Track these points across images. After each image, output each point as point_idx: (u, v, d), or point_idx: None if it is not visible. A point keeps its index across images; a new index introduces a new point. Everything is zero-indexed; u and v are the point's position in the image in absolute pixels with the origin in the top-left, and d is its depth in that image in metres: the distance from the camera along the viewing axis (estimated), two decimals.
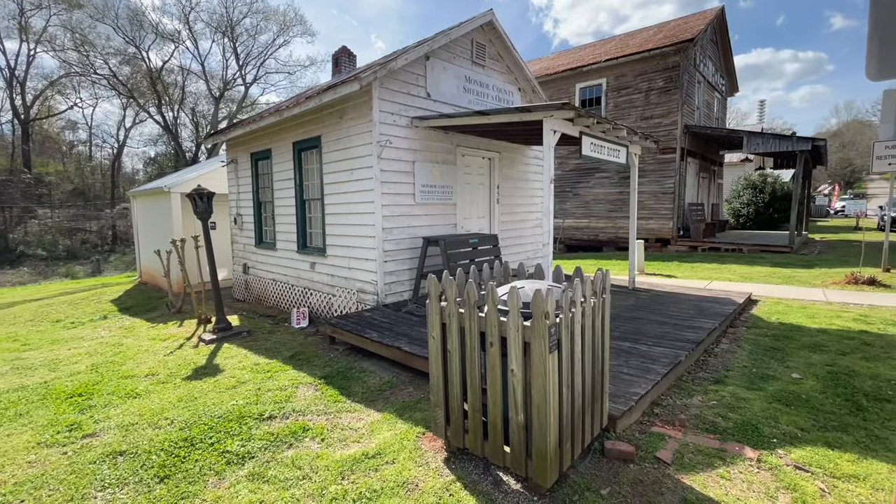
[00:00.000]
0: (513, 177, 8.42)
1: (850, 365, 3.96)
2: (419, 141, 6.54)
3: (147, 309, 8.85)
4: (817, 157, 14.85)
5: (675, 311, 5.77)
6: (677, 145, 14.37)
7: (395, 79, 6.18)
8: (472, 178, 7.70)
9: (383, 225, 6.12)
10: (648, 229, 15.05)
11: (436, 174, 6.82)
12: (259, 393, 3.87)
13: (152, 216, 12.05)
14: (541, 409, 2.23)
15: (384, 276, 6.19)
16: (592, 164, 16.17)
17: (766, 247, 13.18)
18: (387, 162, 6.11)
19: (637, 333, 4.74)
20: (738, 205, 22.07)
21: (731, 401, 3.33)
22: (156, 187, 11.37)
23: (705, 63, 16.68)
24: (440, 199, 6.92)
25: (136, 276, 13.73)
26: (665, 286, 7.66)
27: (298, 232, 7.70)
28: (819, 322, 5.41)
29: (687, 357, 4.07)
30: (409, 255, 6.50)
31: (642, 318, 5.37)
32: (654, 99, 14.87)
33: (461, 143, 7.23)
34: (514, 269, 3.46)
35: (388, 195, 6.16)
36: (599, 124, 5.48)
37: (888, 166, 8.43)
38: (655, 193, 14.90)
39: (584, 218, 16.59)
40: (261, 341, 5.86)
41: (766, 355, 4.35)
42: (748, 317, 5.88)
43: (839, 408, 3.14)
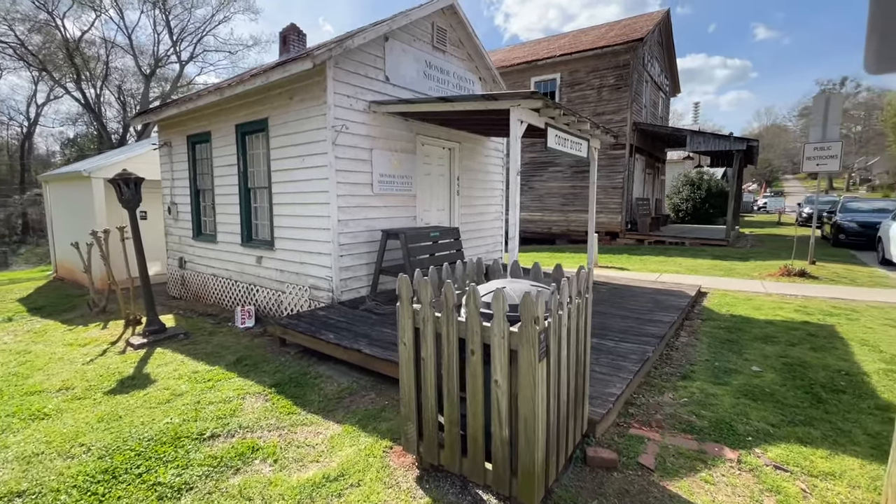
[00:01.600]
0: (473, 168, 8.22)
1: (802, 356, 4.13)
2: (377, 127, 6.15)
3: (64, 309, 7.83)
4: (749, 157, 15.90)
5: (634, 304, 5.83)
6: (627, 141, 14.83)
7: (351, 59, 5.74)
8: (433, 169, 7.41)
9: (339, 216, 5.70)
10: (599, 223, 15.47)
11: (395, 163, 6.46)
12: (199, 407, 3.40)
13: (70, 204, 10.71)
14: (528, 422, 2.02)
15: (340, 272, 5.78)
16: (546, 158, 16.36)
17: (706, 240, 13.96)
18: (342, 149, 5.67)
19: (603, 329, 4.70)
20: (678, 200, 23.34)
21: (701, 397, 3.32)
22: (74, 171, 10.09)
23: (652, 63, 17.33)
24: (399, 189, 6.57)
25: (51, 270, 12.22)
26: (621, 279, 7.80)
27: (243, 223, 7.06)
28: (765, 313, 5.68)
29: (654, 352, 4.06)
30: (366, 249, 6.12)
31: (605, 313, 5.37)
32: (606, 95, 15.24)
33: (421, 131, 6.90)
34: (488, 264, 3.24)
35: (343, 185, 5.73)
36: (565, 116, 5.37)
37: (816, 166, 9.07)
38: (605, 188, 15.33)
39: (538, 211, 16.80)
40: (201, 344, 5.28)
41: (724, 348, 4.45)
42: (701, 309, 6.08)
43: (801, 401, 3.22)
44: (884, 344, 4.41)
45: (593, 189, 7.28)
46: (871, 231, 12.35)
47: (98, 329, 6.27)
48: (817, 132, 9.05)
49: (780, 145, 69.52)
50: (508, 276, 3.02)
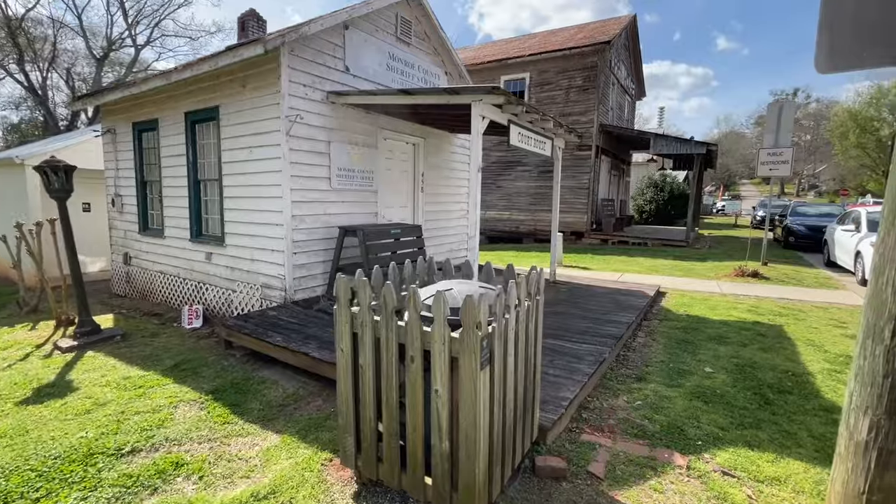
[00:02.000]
0: (438, 165, 8.06)
1: (752, 356, 4.19)
2: (336, 119, 5.89)
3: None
4: (709, 161, 16.45)
5: (594, 304, 5.83)
6: (593, 143, 15.04)
7: (308, 47, 5.45)
8: (395, 165, 7.20)
9: (293, 212, 5.42)
10: (565, 222, 15.64)
11: (354, 157, 6.22)
12: (122, 418, 3.09)
13: (1, 194, 9.86)
14: (469, 435, 1.88)
15: (293, 270, 5.50)
16: (514, 158, 16.40)
17: (667, 241, 14.33)
18: (297, 140, 5.39)
19: (561, 329, 4.65)
20: (642, 201, 23.97)
21: (655, 400, 3.29)
22: (5, 158, 9.28)
23: (619, 66, 17.65)
24: (359, 185, 6.33)
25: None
26: (583, 279, 7.84)
27: (192, 217, 6.65)
28: (720, 314, 5.79)
29: (610, 353, 4.02)
30: (323, 247, 5.86)
31: (565, 313, 5.33)
32: (574, 97, 15.39)
33: (384, 125, 6.68)
34: (440, 263, 3.08)
35: (299, 178, 5.46)
36: (528, 113, 5.29)
37: (769, 171, 9.42)
38: (572, 188, 15.50)
39: (505, 210, 16.83)
40: (139, 347, 4.91)
41: (680, 348, 4.47)
42: (659, 309, 6.15)
43: (750, 402, 3.23)
44: (828, 344, 4.55)
45: (557, 189, 7.26)
46: (818, 234, 12.99)
47: (25, 330, 5.75)
48: (770, 138, 9.39)
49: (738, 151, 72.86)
50: (462, 276, 2.87)
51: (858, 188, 46.36)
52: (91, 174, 9.44)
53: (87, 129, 11.05)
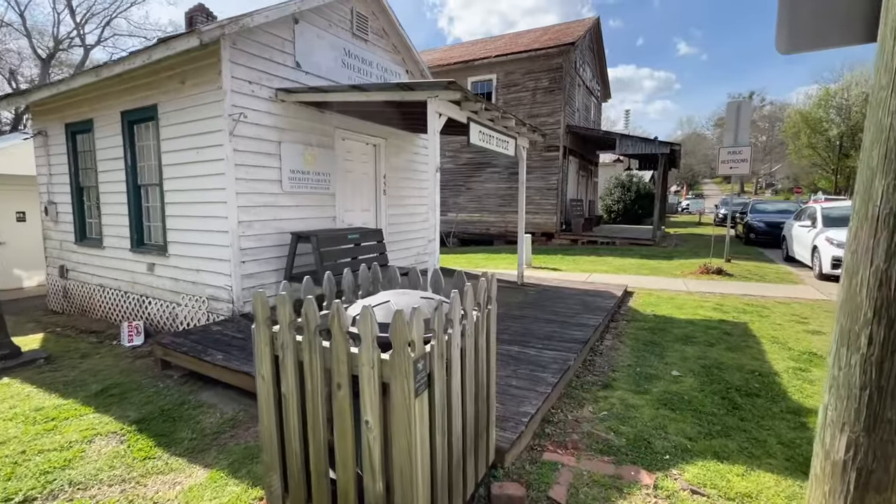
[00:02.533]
0: (400, 166, 7.78)
1: (718, 357, 4.09)
2: (287, 119, 5.54)
3: None
4: (673, 160, 16.79)
5: (561, 307, 5.67)
6: (560, 143, 15.08)
7: (253, 40, 5.09)
8: (355, 166, 6.88)
9: (239, 217, 5.03)
10: (535, 224, 15.62)
11: (308, 159, 5.87)
12: (21, 459, 2.67)
13: None
14: (405, 472, 1.62)
15: (241, 280, 5.11)
16: (484, 159, 16.29)
17: (635, 240, 14.49)
18: (243, 141, 5.02)
19: (526, 335, 4.44)
20: (611, 201, 24.35)
21: (621, 409, 3.11)
22: None
23: (584, 68, 17.83)
24: (315, 187, 5.99)
25: None
26: (551, 280, 7.71)
27: (132, 225, 6.13)
28: (686, 313, 5.73)
29: (576, 360, 3.84)
30: (275, 254, 5.48)
31: (531, 317, 5.14)
32: (541, 98, 15.41)
33: (341, 124, 6.36)
34: (404, 268, 2.81)
35: (245, 181, 5.07)
36: (488, 111, 5.08)
37: (730, 169, 9.58)
38: (541, 189, 15.50)
39: (476, 212, 16.68)
40: (64, 370, 4.41)
41: (647, 351, 4.34)
42: (627, 309, 6.05)
43: (718, 408, 3.10)
44: (791, 341, 4.52)
45: (522, 189, 7.10)
46: (776, 230, 13.38)
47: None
48: (730, 137, 9.55)
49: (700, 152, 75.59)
50: (410, 285, 2.61)
51: (811, 186, 48.78)
52: (25, 180, 8.70)
53: (18, 132, 10.24)
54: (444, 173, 17.11)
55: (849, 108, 38.31)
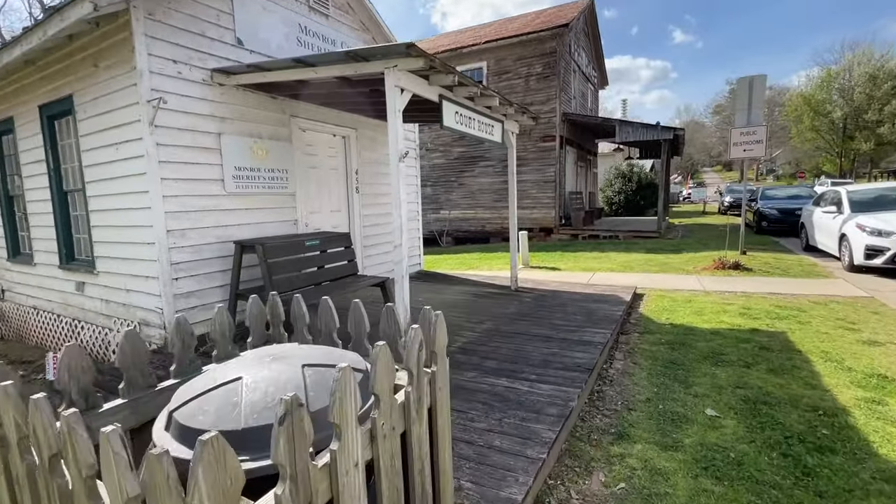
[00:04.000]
0: (376, 160, 6.90)
1: (761, 384, 3.22)
2: (229, 106, 4.66)
3: None
4: (676, 147, 15.88)
5: (561, 317, 4.81)
6: (557, 133, 14.17)
7: (177, 10, 4.20)
8: (320, 161, 6.00)
9: (168, 226, 4.16)
10: (533, 219, 14.74)
11: (258, 153, 5.00)
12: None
13: None
14: None
15: (175, 301, 4.24)
16: (477, 153, 15.39)
17: (639, 233, 13.60)
18: (170, 133, 4.14)
19: (517, 360, 3.58)
20: (611, 193, 23.42)
21: (645, 479, 2.24)
22: None
23: (579, 52, 16.90)
24: (268, 187, 5.11)
25: None
26: (550, 283, 6.84)
27: (60, 238, 5.28)
28: (708, 320, 4.86)
29: (580, 397, 2.97)
30: (220, 268, 4.62)
31: (524, 333, 4.27)
32: (534, 85, 14.50)
33: (298, 112, 5.48)
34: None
35: (175, 182, 4.20)
36: (464, 86, 4.20)
37: (743, 152, 8.68)
38: (538, 182, 14.61)
39: (470, 209, 15.80)
40: None
41: (668, 375, 3.47)
42: (638, 317, 5.18)
43: (782, 475, 2.23)
44: (848, 357, 3.64)
45: (512, 181, 6.22)
46: (790, 217, 12.50)
47: None
48: (742, 117, 8.65)
49: (699, 140, 74.48)
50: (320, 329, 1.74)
51: (814, 170, 47.72)
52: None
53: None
54: (435, 169, 16.23)
55: (851, 88, 37.29)
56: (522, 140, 14.67)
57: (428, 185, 16.39)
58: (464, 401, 2.89)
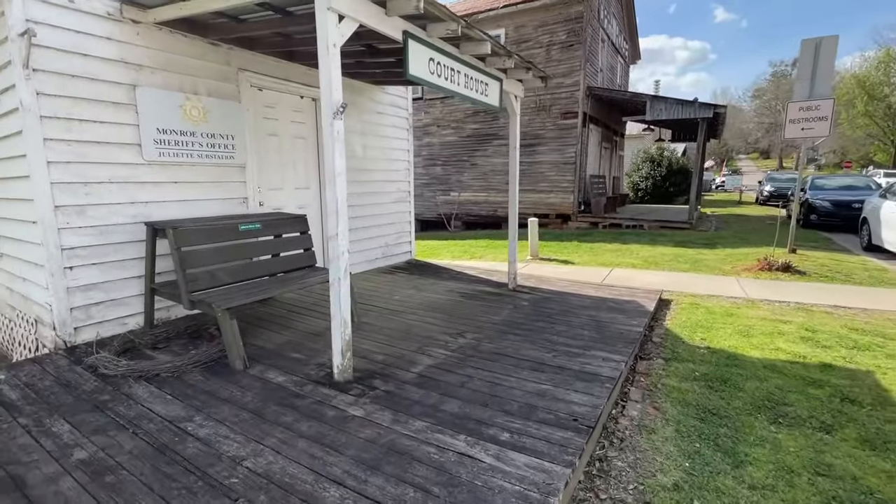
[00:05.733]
0: (359, 129, 5.85)
1: (859, 473, 2.11)
2: (148, 51, 3.67)
3: None
4: (714, 128, 14.25)
5: (563, 331, 3.74)
6: (579, 109, 12.77)
7: None
8: (283, 128, 5.00)
9: (57, 200, 3.25)
10: (549, 204, 13.50)
11: (192, 113, 4.01)
12: None
13: None
14: None
15: (68, 295, 3.36)
16: (491, 130, 14.13)
17: (667, 223, 12.23)
18: (56, 80, 3.19)
19: (491, 401, 2.56)
20: (638, 178, 21.80)
21: None
22: None
23: (609, 20, 15.25)
24: (207, 156, 4.15)
25: None
26: (557, 281, 5.74)
27: None
28: (758, 345, 3.71)
29: (568, 482, 1.94)
30: (137, 254, 3.71)
31: (510, 355, 3.23)
32: (556, 55, 13.06)
33: (249, 65, 4.46)
34: None
35: (66, 144, 3.27)
36: (440, 21, 3.09)
37: (801, 131, 7.26)
38: (556, 164, 13.30)
39: (481, 191, 14.63)
40: None
41: (707, 439, 2.40)
42: (664, 334, 4.06)
43: None
44: None
45: (515, 158, 5.08)
46: (845, 210, 10.94)
47: None
48: (803, 88, 7.20)
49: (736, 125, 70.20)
50: None
51: (862, 160, 44.15)
52: None
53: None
54: (446, 147, 15.06)
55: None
56: (541, 116, 13.34)
57: (438, 165, 15.27)
58: (390, 478, 1.90)
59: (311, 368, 3.05)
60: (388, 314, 4.26)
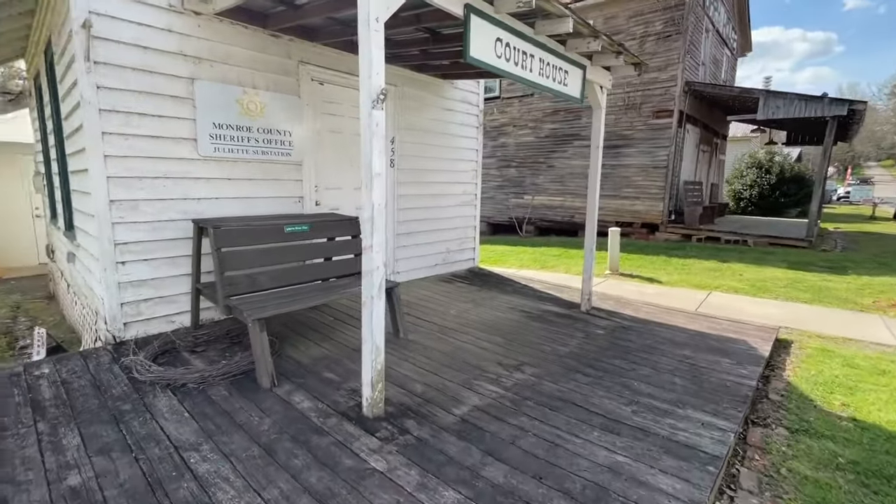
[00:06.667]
0: (422, 126, 5.48)
1: None
2: (207, 43, 3.57)
3: None
4: (845, 129, 11.98)
5: (647, 375, 3.01)
6: (675, 107, 11.39)
7: None
8: (344, 125, 4.76)
9: (112, 194, 3.23)
10: (634, 212, 12.25)
11: (249, 108, 3.87)
12: None
13: None
14: None
15: (119, 290, 3.33)
16: (572, 130, 13.17)
17: (777, 239, 10.46)
18: (117, 73, 3.15)
19: (547, 473, 1.98)
20: (740, 186, 19.27)
21: None
22: None
23: (716, 6, 13.50)
24: (263, 152, 4.00)
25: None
26: (640, 305, 4.90)
27: (62, 197, 4.77)
28: None
29: None
30: (186, 251, 3.63)
31: (577, 403, 2.61)
32: (651, 47, 11.78)
33: (310, 57, 4.25)
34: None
35: (123, 138, 3.23)
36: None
37: None
38: (645, 168, 12.01)
39: (558, 195, 13.71)
40: None
41: None
42: (784, 390, 3.15)
43: None
44: None
45: (597, 158, 4.36)
46: None
47: None
48: None
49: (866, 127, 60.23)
50: None
51: None
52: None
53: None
54: (522, 147, 14.34)
55: None
56: (629, 115, 12.13)
57: (512, 166, 14.61)
58: None
59: (342, 394, 2.68)
60: (439, 332, 3.80)
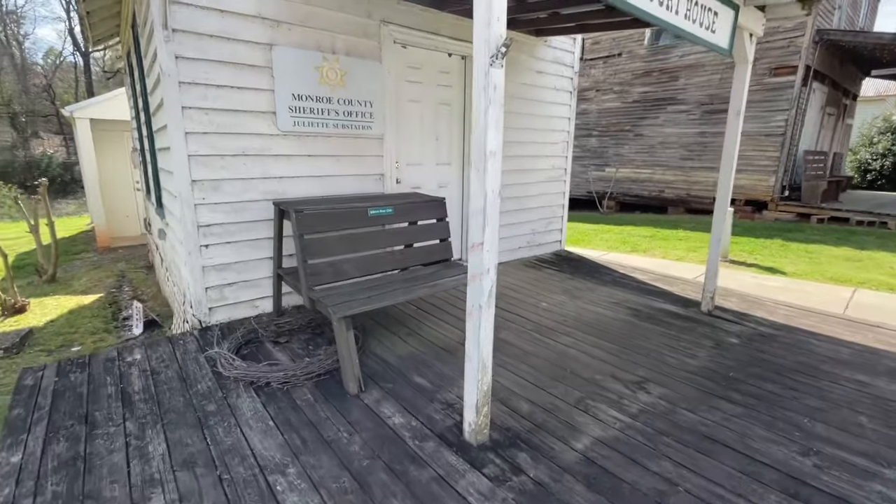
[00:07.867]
0: (510, 92, 4.86)
1: None
2: (286, 3, 3.23)
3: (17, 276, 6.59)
4: None
5: (818, 409, 2.34)
6: (801, 62, 9.59)
7: None
8: (427, 93, 4.30)
9: (194, 174, 3.06)
10: (737, 186, 10.71)
11: (330, 76, 3.52)
12: None
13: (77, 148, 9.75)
14: None
15: (203, 274, 3.22)
16: (666, 93, 11.69)
17: None
18: (195, 41, 2.91)
19: None
20: (868, 155, 16.38)
21: None
22: None
23: None
24: (343, 125, 3.66)
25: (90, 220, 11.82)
26: (772, 305, 4.06)
27: (153, 175, 4.84)
28: None
29: None
30: (267, 233, 3.44)
31: (731, 443, 2.04)
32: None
33: (392, 16, 3.79)
34: None
35: (203, 113, 3.03)
36: None
37: None
38: (754, 135, 10.39)
39: (645, 167, 12.40)
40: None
41: None
42: None
43: None
44: None
45: (737, 124, 3.53)
46: None
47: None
48: None
49: None
50: None
51: None
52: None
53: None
54: (605, 114, 13.06)
55: None
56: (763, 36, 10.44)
57: (593, 136, 13.41)
58: None
59: (436, 407, 2.33)
60: (534, 331, 3.33)
